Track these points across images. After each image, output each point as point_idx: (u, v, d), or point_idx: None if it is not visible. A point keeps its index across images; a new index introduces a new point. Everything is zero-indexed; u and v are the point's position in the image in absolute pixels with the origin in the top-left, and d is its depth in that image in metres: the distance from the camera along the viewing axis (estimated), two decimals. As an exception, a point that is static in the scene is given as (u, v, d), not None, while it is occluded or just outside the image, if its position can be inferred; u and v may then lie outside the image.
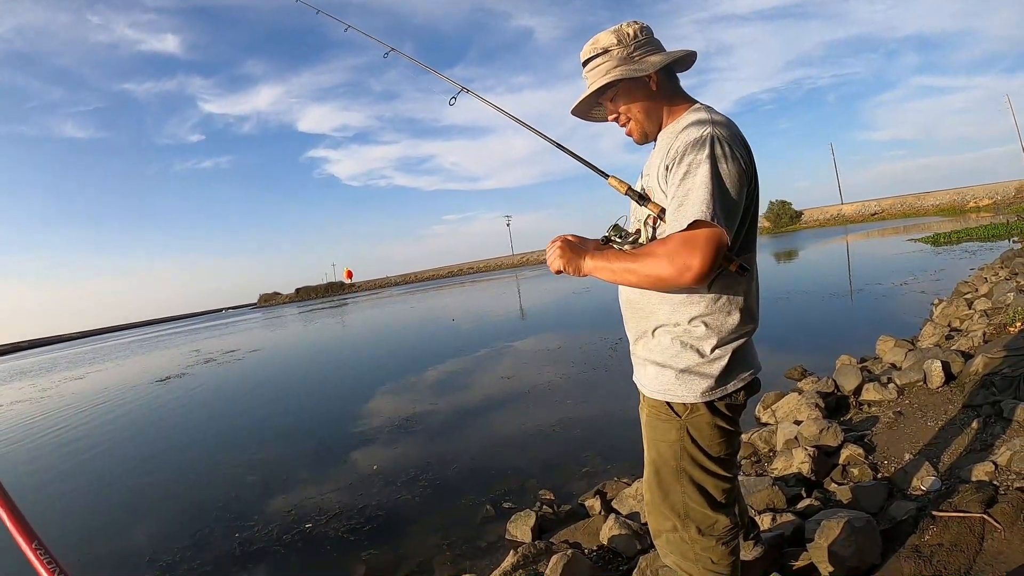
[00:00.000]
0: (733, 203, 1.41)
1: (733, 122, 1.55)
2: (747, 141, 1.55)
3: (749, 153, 1.52)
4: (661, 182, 1.53)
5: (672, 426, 1.63)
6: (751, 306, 1.63)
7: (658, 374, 1.64)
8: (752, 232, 1.62)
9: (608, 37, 1.62)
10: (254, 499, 5.19)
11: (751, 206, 1.56)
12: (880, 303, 9.87)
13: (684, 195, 1.40)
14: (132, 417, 10.29)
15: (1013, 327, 5.07)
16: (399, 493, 4.75)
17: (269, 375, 13.77)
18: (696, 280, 1.35)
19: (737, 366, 1.60)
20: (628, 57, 1.60)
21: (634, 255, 1.47)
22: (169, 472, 6.63)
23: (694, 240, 1.35)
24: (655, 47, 1.63)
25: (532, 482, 4.52)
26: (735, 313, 1.58)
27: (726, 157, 1.42)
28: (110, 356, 30.84)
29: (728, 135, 1.46)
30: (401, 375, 10.45)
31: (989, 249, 15.14)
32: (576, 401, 6.75)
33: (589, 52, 1.65)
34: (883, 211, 58.80)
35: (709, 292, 1.56)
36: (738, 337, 1.60)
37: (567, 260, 1.59)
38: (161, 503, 5.56)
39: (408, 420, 7.04)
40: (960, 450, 3.31)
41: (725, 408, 1.60)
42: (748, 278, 1.60)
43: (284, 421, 8.34)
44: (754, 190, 1.54)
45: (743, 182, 1.45)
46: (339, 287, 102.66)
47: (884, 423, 3.91)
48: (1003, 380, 3.85)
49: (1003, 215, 27.35)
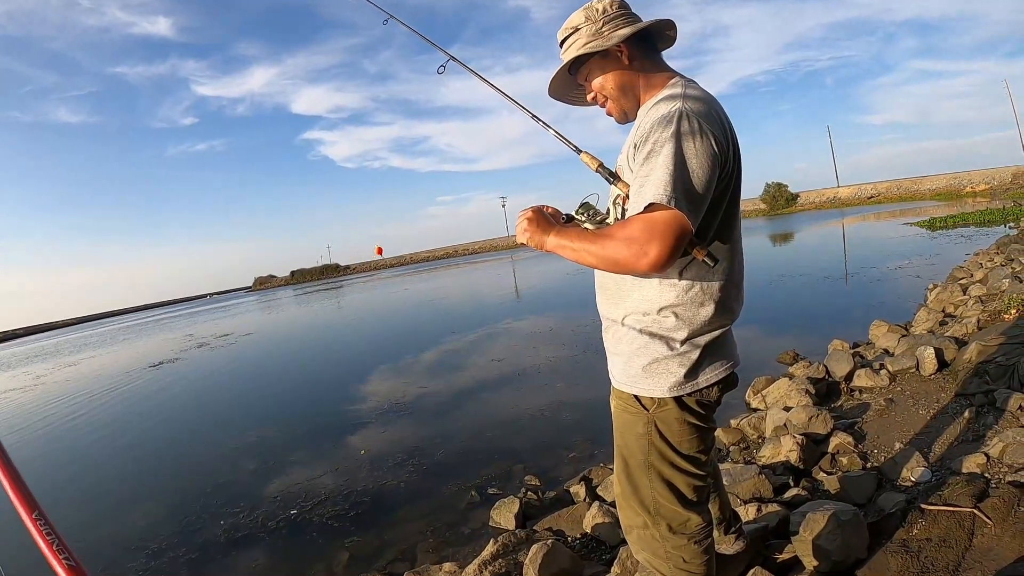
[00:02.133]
0: (698, 185, 1.31)
1: (712, 97, 1.46)
2: (726, 118, 1.45)
3: (725, 132, 1.41)
4: (630, 160, 1.45)
5: (639, 419, 1.56)
6: (727, 297, 1.52)
7: (626, 365, 1.57)
8: (731, 217, 1.51)
9: (578, 16, 1.56)
10: (241, 485, 5.16)
11: (728, 189, 1.45)
12: (875, 287, 9.82)
13: (645, 176, 1.32)
14: (123, 403, 10.22)
15: (1008, 314, 5.01)
16: (386, 478, 4.70)
17: (261, 360, 13.73)
18: (653, 267, 1.26)
19: (709, 360, 1.51)
20: (597, 32, 1.52)
21: (595, 236, 1.37)
22: (157, 459, 6.61)
23: (651, 225, 1.26)
24: (630, 20, 1.54)
25: (518, 467, 4.49)
26: (708, 304, 1.48)
27: (694, 134, 1.32)
28: (104, 342, 30.66)
29: (700, 110, 1.36)
30: (392, 358, 10.40)
31: (985, 234, 15.08)
32: (566, 384, 6.70)
33: (562, 33, 1.60)
34: (879, 194, 58.68)
35: (680, 280, 1.47)
36: (711, 330, 1.50)
37: (531, 234, 1.49)
38: (149, 490, 5.52)
39: (398, 403, 7.01)
40: (952, 440, 3.25)
41: (695, 404, 1.52)
42: (725, 268, 1.50)
43: (274, 406, 8.31)
44: (731, 172, 1.44)
45: (713, 163, 1.34)
46: (334, 269, 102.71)
47: (875, 410, 3.86)
48: (997, 369, 3.79)
49: (999, 200, 27.30)
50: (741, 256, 1.57)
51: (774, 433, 3.72)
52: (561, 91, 1.72)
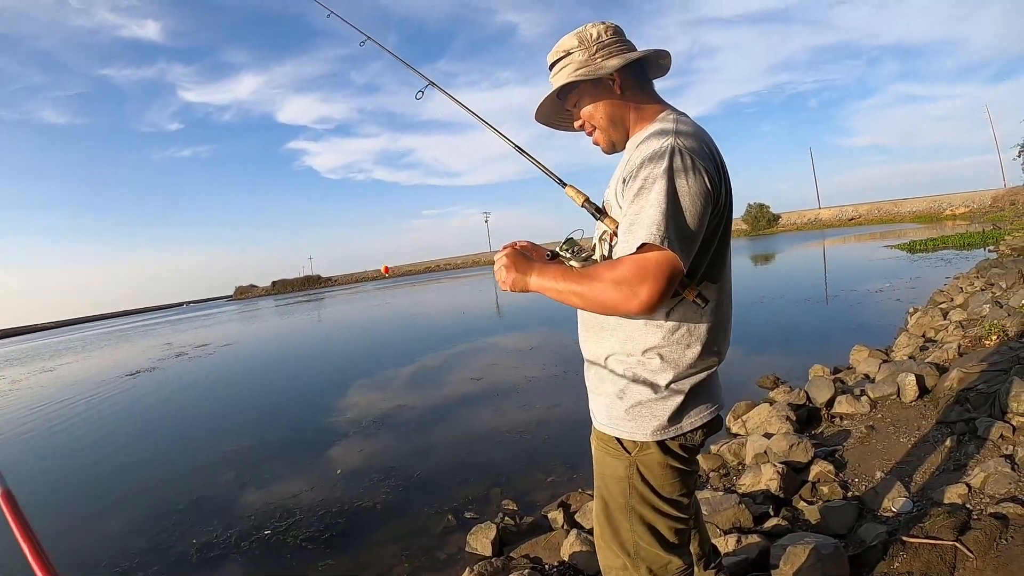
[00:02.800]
0: (691, 224, 1.27)
1: (704, 132, 1.41)
2: (718, 154, 1.41)
3: (718, 168, 1.37)
4: (619, 196, 1.40)
5: (621, 463, 1.50)
6: (715, 339, 1.47)
7: (608, 406, 1.51)
8: (722, 256, 1.46)
9: (570, 39, 1.50)
10: (215, 501, 5.04)
11: (719, 227, 1.41)
12: (855, 310, 9.86)
13: (636, 214, 1.27)
14: (98, 413, 10.00)
15: (989, 340, 5.02)
16: (362, 498, 4.60)
17: (239, 372, 13.51)
18: (643, 310, 1.22)
19: (694, 404, 1.45)
20: (590, 59, 1.47)
21: (581, 276, 1.32)
22: (129, 472, 6.43)
23: (643, 266, 1.22)
24: (624, 48, 1.49)
25: (496, 491, 4.40)
26: (695, 346, 1.43)
27: (686, 171, 1.28)
28: (83, 348, 30.23)
29: (693, 147, 1.32)
30: (371, 373, 10.30)
31: (965, 258, 15.27)
32: (545, 405, 6.62)
33: (553, 56, 1.54)
34: (860, 216, 59.42)
35: (667, 321, 1.42)
36: (696, 372, 1.45)
37: (512, 277, 1.43)
38: (119, 505, 5.37)
39: (375, 421, 6.90)
40: (933, 469, 3.23)
41: (678, 448, 1.46)
42: (713, 307, 1.45)
43: (251, 420, 8.16)
44: (723, 210, 1.39)
45: (706, 201, 1.30)
46: (316, 281, 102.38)
47: (856, 438, 3.84)
48: (978, 396, 3.78)
49: (979, 223, 27.67)
50: (730, 295, 1.53)
51: (754, 460, 3.68)
52: (548, 115, 1.67)
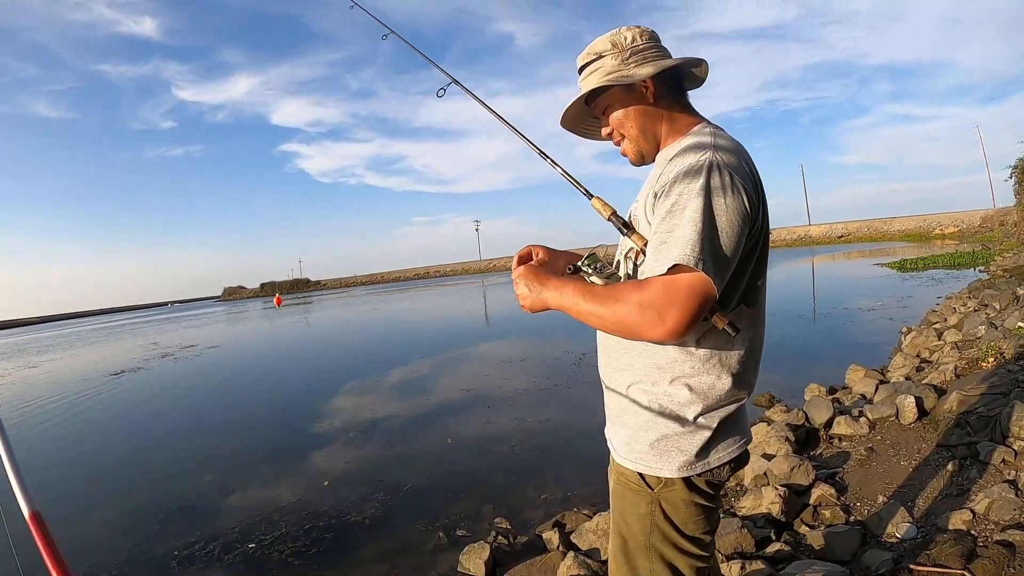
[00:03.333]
0: (727, 246, 1.19)
1: (743, 148, 1.33)
2: (756, 172, 1.33)
3: (757, 187, 1.29)
4: (648, 211, 1.32)
5: (643, 499, 1.41)
6: (746, 369, 1.38)
7: (630, 439, 1.42)
8: (757, 281, 1.37)
9: (603, 42, 1.43)
10: (198, 512, 4.92)
11: (755, 250, 1.32)
12: (848, 328, 9.86)
13: (668, 232, 1.19)
14: (78, 414, 9.83)
15: (986, 362, 5.00)
16: (350, 512, 4.49)
17: (223, 376, 13.32)
18: (669, 336, 1.14)
19: (723, 438, 1.37)
20: (623, 63, 1.39)
21: (603, 295, 1.23)
22: (108, 478, 6.28)
23: (673, 288, 1.14)
24: (660, 55, 1.41)
25: (488, 507, 4.30)
26: (725, 377, 1.33)
27: (725, 189, 1.20)
28: (69, 344, 30.03)
29: (731, 163, 1.24)
30: (359, 382, 10.19)
31: (955, 278, 15.33)
32: (538, 419, 6.54)
33: (584, 59, 1.46)
34: (850, 234, 59.88)
35: (698, 349, 1.32)
36: (726, 404, 1.36)
37: (531, 302, 1.37)
38: (97, 512, 5.23)
39: (363, 431, 6.78)
40: (935, 494, 3.18)
41: (704, 484, 1.38)
42: (745, 336, 1.35)
43: (237, 427, 8.02)
44: (759, 232, 1.31)
45: (744, 222, 1.22)
46: (305, 284, 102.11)
47: (856, 460, 3.78)
48: (979, 420, 3.74)
49: (968, 244, 27.90)
50: (763, 324, 1.44)
51: (754, 483, 3.61)
52: (574, 121, 1.58)
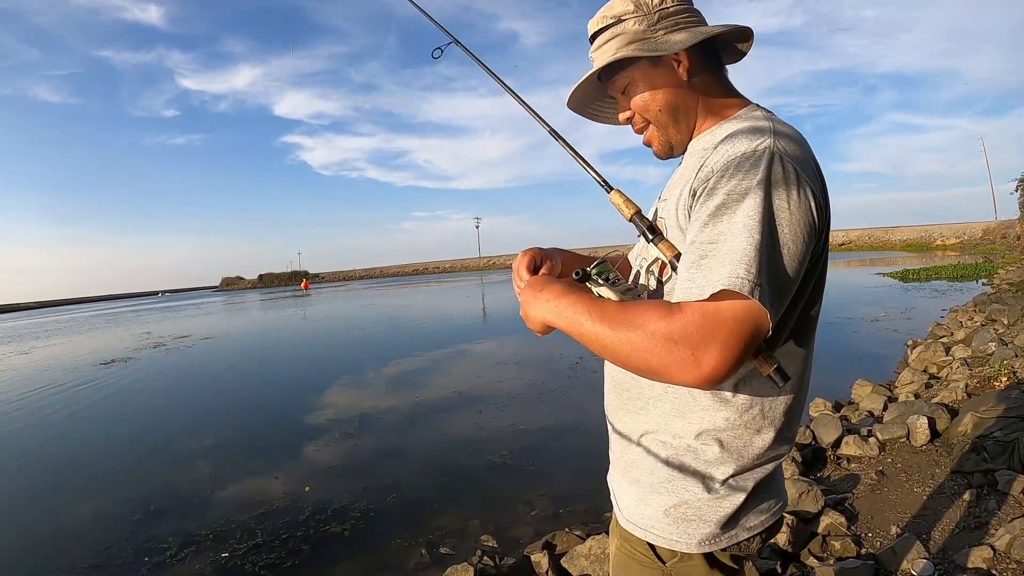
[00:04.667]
0: (790, 266, 0.89)
1: (805, 139, 1.02)
2: (819, 166, 1.02)
3: (824, 188, 1.00)
4: (681, 214, 1.04)
5: (651, 574, 1.13)
6: (792, 421, 1.10)
7: (640, 500, 1.13)
8: (812, 309, 1.09)
9: (624, 2, 1.11)
10: (173, 515, 4.71)
11: (816, 269, 1.02)
12: (852, 339, 9.63)
13: (711, 242, 0.89)
14: (63, 404, 9.63)
15: (998, 382, 4.81)
16: (329, 523, 4.27)
17: (214, 369, 13.07)
18: (703, 383, 0.84)
19: (755, 503, 1.08)
20: (649, 29, 1.09)
21: (617, 316, 0.91)
22: (82, 473, 6.10)
23: (715, 321, 0.83)
24: (695, 21, 1.12)
25: (474, 522, 4.07)
26: (767, 431, 1.06)
27: (789, 187, 0.90)
28: (62, 331, 29.98)
29: (797, 155, 0.95)
30: (349, 380, 10.00)
31: (959, 290, 15.15)
32: (532, 426, 6.30)
33: (598, 23, 1.15)
34: (851, 242, 59.85)
35: (736, 396, 1.04)
36: (764, 463, 1.08)
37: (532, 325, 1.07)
38: (65, 511, 5.05)
39: (350, 435, 6.53)
40: (952, 526, 2.99)
41: (729, 559, 1.10)
42: (795, 383, 1.07)
43: (220, 423, 7.77)
44: (824, 247, 1.02)
45: (811, 234, 0.92)
46: (303, 276, 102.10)
47: (866, 484, 3.56)
48: (996, 445, 3.54)
49: (969, 255, 27.76)
50: (812, 362, 1.14)
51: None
52: (585, 101, 1.29)
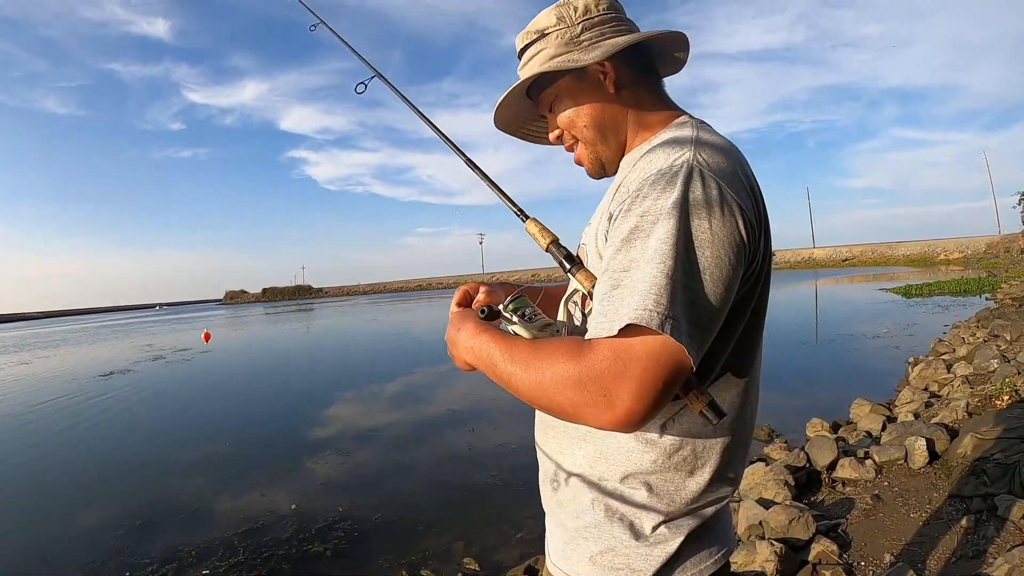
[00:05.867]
0: (712, 293, 0.80)
1: (735, 148, 0.94)
2: (755, 181, 0.94)
3: (756, 204, 0.90)
4: (600, 239, 0.96)
5: None
6: (732, 460, 0.99)
7: (567, 545, 1.03)
8: (752, 337, 0.98)
9: (548, 15, 1.04)
10: (156, 532, 4.64)
11: (753, 294, 0.93)
12: (852, 356, 9.52)
13: (623, 270, 0.81)
14: (57, 416, 9.63)
15: (1000, 400, 4.69)
16: (312, 542, 4.17)
17: (210, 384, 13.01)
18: (619, 426, 0.76)
19: (693, 551, 0.97)
20: (572, 40, 1.02)
21: (526, 355, 0.84)
22: (73, 484, 6.11)
23: (625, 359, 0.75)
24: (620, 30, 1.03)
25: (459, 545, 3.95)
26: (701, 472, 0.95)
27: (710, 206, 0.81)
28: (66, 341, 30.41)
29: (720, 168, 0.86)
30: (344, 396, 9.97)
31: (962, 305, 15.03)
32: (523, 447, 6.08)
33: (523, 39, 1.08)
34: (854, 257, 59.77)
35: (664, 437, 0.94)
36: (700, 508, 0.97)
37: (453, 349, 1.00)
38: (52, 519, 5.03)
39: (338, 453, 6.43)
40: (948, 554, 2.87)
41: None
42: (733, 419, 0.97)
43: (209, 440, 7.68)
44: (760, 269, 0.92)
45: (737, 258, 0.82)
46: (307, 291, 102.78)
47: (861, 509, 3.45)
48: (996, 468, 3.42)
49: (972, 270, 27.65)
50: (757, 392, 1.04)
51: (748, 533, 3.27)
52: (514, 120, 1.21)
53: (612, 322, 0.77)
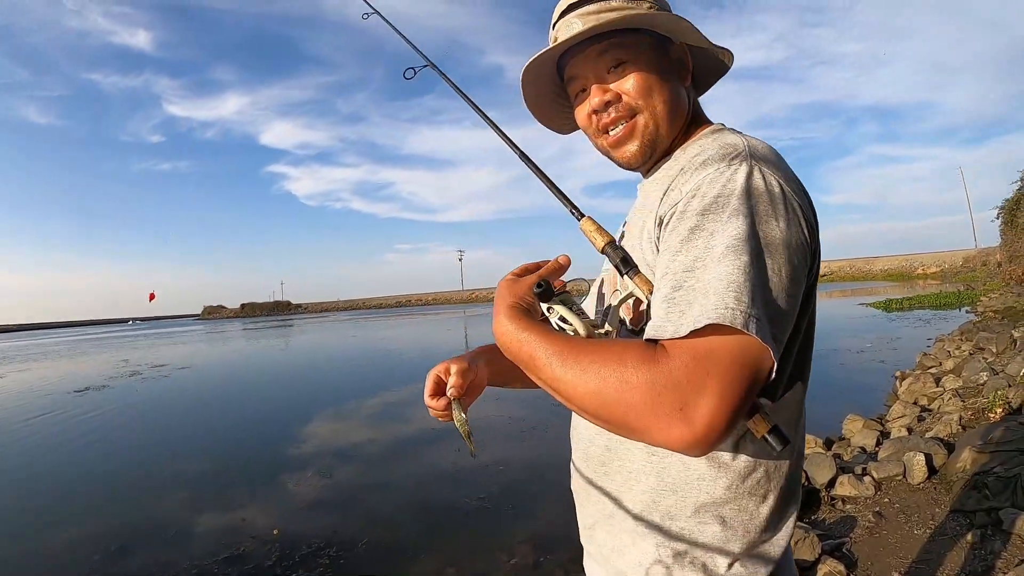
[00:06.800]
0: (787, 296, 0.72)
1: (782, 156, 0.86)
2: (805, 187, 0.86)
3: (813, 208, 0.84)
4: (646, 247, 0.88)
5: None
6: (795, 477, 0.90)
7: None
8: (807, 348, 0.90)
9: None
10: (132, 558, 4.43)
11: (811, 300, 0.86)
12: (838, 371, 9.50)
13: (687, 270, 0.72)
14: (29, 433, 9.33)
15: (993, 413, 4.67)
16: (296, 570, 3.97)
17: (188, 401, 12.63)
18: (694, 446, 0.64)
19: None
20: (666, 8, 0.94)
21: (586, 357, 0.70)
22: (47, 511, 5.74)
23: (707, 366, 0.64)
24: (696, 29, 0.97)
25: (449, 571, 3.79)
26: (773, 495, 0.85)
27: (775, 205, 0.75)
28: (41, 355, 29.88)
29: (778, 167, 0.81)
30: (326, 412, 9.76)
31: (943, 318, 15.16)
32: (512, 467, 5.98)
33: None
34: (832, 273, 60.44)
35: (736, 459, 0.84)
36: (775, 535, 0.86)
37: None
38: (29, 549, 4.77)
39: (322, 474, 6.22)
40: (956, 570, 2.83)
41: None
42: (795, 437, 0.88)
43: (187, 459, 7.40)
44: (816, 269, 0.85)
45: (804, 257, 0.76)
46: (286, 306, 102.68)
47: (864, 527, 3.37)
48: (997, 481, 3.38)
49: (950, 283, 28.04)
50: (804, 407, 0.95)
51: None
52: (538, 94, 1.08)
53: (679, 325, 0.68)
